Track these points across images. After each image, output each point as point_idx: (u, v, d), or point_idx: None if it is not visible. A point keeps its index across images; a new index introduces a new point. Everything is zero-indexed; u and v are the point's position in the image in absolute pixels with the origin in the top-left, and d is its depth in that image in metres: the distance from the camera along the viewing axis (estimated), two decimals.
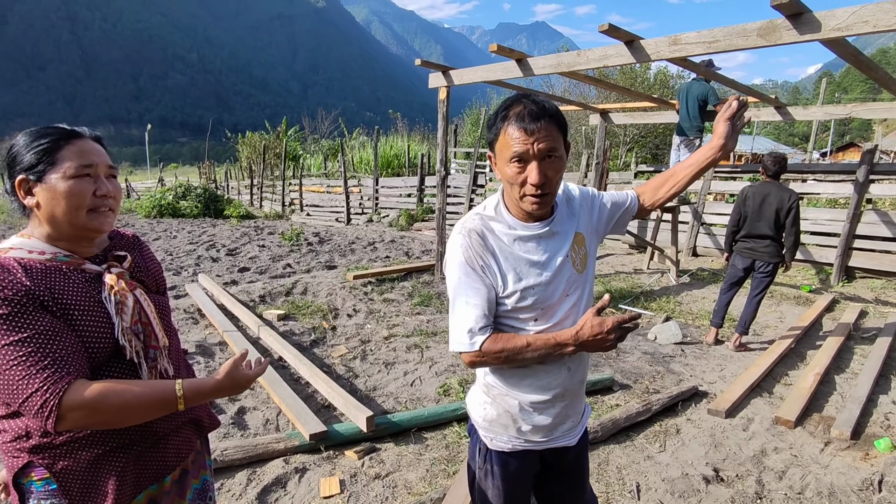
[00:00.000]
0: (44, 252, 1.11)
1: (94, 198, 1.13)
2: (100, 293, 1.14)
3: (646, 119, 9.01)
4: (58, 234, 1.14)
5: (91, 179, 1.14)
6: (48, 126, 1.16)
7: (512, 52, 5.25)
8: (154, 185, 26.90)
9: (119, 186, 1.22)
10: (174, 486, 1.27)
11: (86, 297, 1.11)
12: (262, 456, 2.69)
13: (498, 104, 5.89)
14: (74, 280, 1.12)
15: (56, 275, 1.10)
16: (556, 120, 1.22)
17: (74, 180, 1.11)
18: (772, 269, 4.35)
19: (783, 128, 47.82)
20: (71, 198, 1.10)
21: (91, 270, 1.16)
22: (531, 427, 1.38)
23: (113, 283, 1.16)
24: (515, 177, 1.23)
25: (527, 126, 1.19)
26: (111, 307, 1.13)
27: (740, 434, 3.10)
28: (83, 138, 1.16)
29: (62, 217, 1.11)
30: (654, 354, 4.31)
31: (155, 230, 11.97)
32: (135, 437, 1.15)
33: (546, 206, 1.27)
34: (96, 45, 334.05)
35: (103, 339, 1.11)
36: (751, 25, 3.75)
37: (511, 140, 1.21)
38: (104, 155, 1.19)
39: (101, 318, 1.12)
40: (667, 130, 17.35)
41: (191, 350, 4.02)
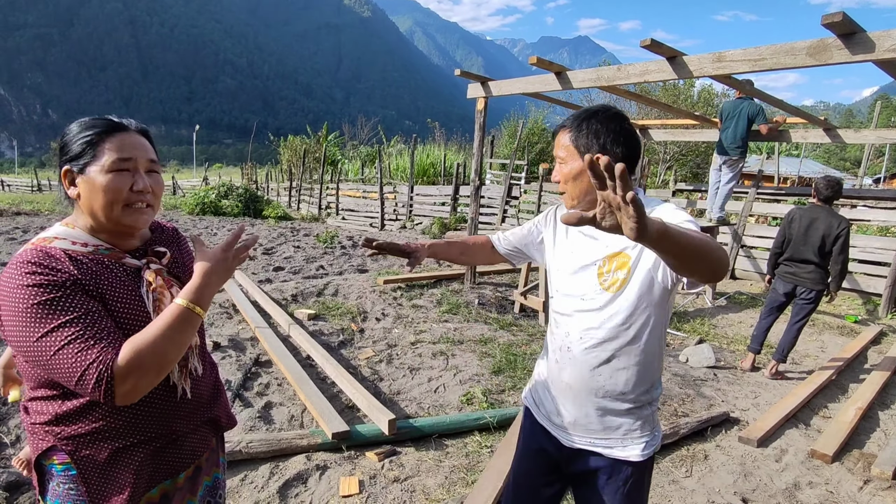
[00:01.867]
0: (86, 244, 1.13)
1: (130, 193, 1.12)
2: (139, 287, 1.16)
3: (687, 136, 8.84)
4: (98, 226, 1.15)
5: (129, 174, 1.13)
6: (97, 117, 1.16)
7: (551, 65, 5.25)
8: (199, 183, 27.91)
9: (161, 182, 1.20)
10: (187, 483, 1.28)
11: (127, 289, 1.13)
12: (285, 451, 2.74)
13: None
14: (116, 273, 1.13)
15: (99, 267, 1.11)
16: (572, 129, 1.34)
17: (112, 174, 1.11)
18: (815, 296, 4.18)
19: (834, 151, 45.98)
20: (107, 192, 1.10)
21: (131, 265, 1.17)
22: (535, 393, 1.55)
23: (152, 280, 1.17)
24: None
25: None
26: (149, 303, 1.14)
27: (772, 465, 2.98)
28: (127, 131, 1.16)
29: (99, 211, 1.12)
30: (684, 377, 4.20)
31: (197, 227, 12.38)
32: (154, 434, 1.16)
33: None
34: (153, 49, 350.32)
35: (140, 329, 1.11)
36: (800, 44, 3.65)
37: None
38: (146, 149, 1.17)
39: (141, 311, 1.13)
40: (709, 149, 16.95)
41: (223, 343, 4.13)
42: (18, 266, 1.03)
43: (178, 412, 1.21)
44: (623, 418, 1.36)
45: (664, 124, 8.81)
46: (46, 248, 1.07)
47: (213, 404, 1.34)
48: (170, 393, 1.18)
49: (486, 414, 3.19)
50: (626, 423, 1.37)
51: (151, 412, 1.15)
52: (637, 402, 1.36)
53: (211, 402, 1.33)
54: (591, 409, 1.37)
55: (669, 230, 0.91)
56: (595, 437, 1.38)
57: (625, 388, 1.35)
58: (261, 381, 3.62)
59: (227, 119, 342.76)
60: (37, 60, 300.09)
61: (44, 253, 1.05)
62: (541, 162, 16.15)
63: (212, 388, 1.34)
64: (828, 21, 3.25)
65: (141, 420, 1.14)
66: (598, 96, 19.09)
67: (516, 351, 4.44)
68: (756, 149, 22.41)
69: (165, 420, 1.18)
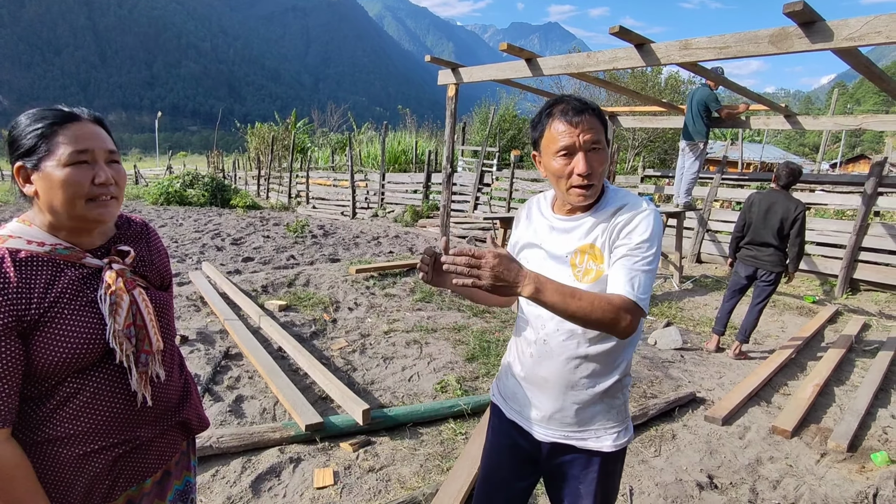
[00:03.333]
0: (43, 243, 1.06)
1: (92, 186, 1.06)
2: (94, 291, 1.09)
3: (654, 123, 8.98)
4: (58, 223, 1.08)
5: (89, 166, 1.06)
6: (46, 108, 1.09)
7: (522, 52, 5.24)
8: (163, 172, 27.08)
9: (122, 172, 1.14)
10: (154, 487, 1.24)
11: (79, 295, 1.07)
12: (257, 444, 2.71)
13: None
14: (70, 276, 1.07)
15: (51, 270, 1.05)
16: (598, 114, 1.30)
17: (71, 168, 1.04)
18: (774, 277, 4.33)
19: (794, 137, 47.49)
20: (67, 187, 1.04)
21: (91, 265, 1.11)
22: (506, 389, 1.52)
23: (111, 282, 1.10)
24: (562, 169, 1.29)
25: (571, 119, 1.26)
26: (105, 308, 1.08)
27: (736, 442, 3.09)
28: (80, 121, 1.09)
29: (60, 207, 1.05)
30: (653, 359, 4.30)
31: (161, 217, 12.03)
32: (117, 440, 1.12)
33: (591, 197, 1.31)
34: (111, 32, 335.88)
35: (92, 340, 1.06)
36: (762, 32, 3.73)
37: (557, 134, 1.28)
38: (104, 139, 1.11)
39: (93, 318, 1.07)
40: (676, 135, 17.29)
41: (192, 337, 4.04)
42: None
43: (141, 418, 1.16)
44: (597, 410, 1.38)
45: (633, 111, 8.93)
46: None
47: (181, 407, 1.29)
48: (130, 399, 1.13)
49: (461, 401, 3.22)
50: (599, 415, 1.38)
51: (112, 418, 1.11)
52: (610, 392, 1.38)
53: (179, 405, 1.28)
54: (568, 403, 1.37)
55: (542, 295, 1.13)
56: (570, 430, 1.39)
57: (599, 379, 1.36)
58: (231, 375, 3.55)
59: (192, 105, 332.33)
60: None
61: None
62: (512, 148, 16.18)
63: (180, 390, 1.30)
64: (789, 10, 3.33)
65: (101, 426, 1.09)
66: (569, 83, 19.21)
67: (489, 338, 4.47)
68: (721, 135, 22.98)
69: (128, 426, 1.14)
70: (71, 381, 1.06)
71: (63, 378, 1.05)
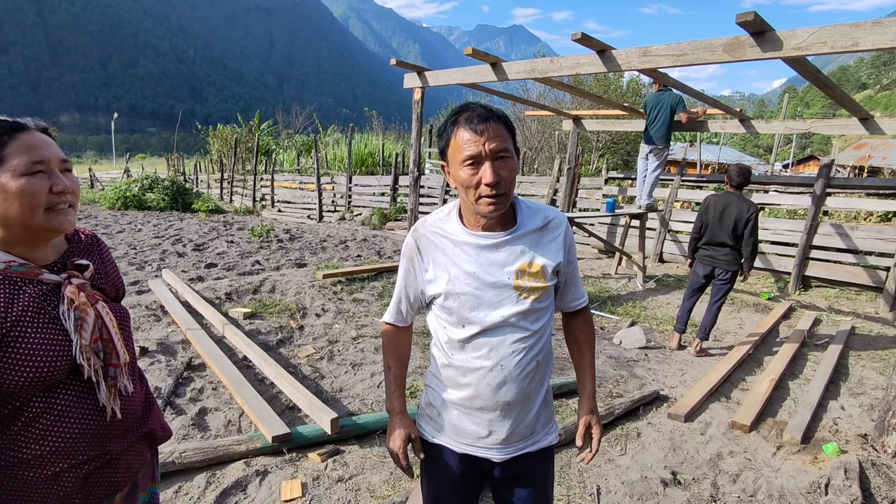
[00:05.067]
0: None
1: (50, 195, 1.04)
2: (56, 307, 1.07)
3: (617, 126, 9.19)
4: (11, 238, 1.05)
5: (45, 175, 1.05)
6: None
7: (487, 56, 5.28)
8: (120, 175, 26.14)
9: (76, 180, 1.13)
10: (123, 502, 1.23)
11: (39, 312, 1.04)
12: (222, 458, 2.64)
13: None
14: (28, 294, 1.04)
15: (8, 288, 1.02)
16: (504, 121, 1.26)
17: (26, 178, 1.02)
18: (730, 276, 4.49)
19: (749, 139, 49.37)
20: (24, 197, 1.01)
21: (49, 281, 1.08)
22: (449, 426, 1.41)
23: (73, 297, 1.08)
24: (469, 179, 1.23)
25: (476, 127, 1.22)
26: (69, 324, 1.06)
27: (698, 438, 3.19)
28: (29, 131, 1.07)
29: (16, 219, 1.02)
30: (618, 358, 4.40)
31: (119, 223, 11.61)
32: (87, 456, 1.09)
33: (501, 206, 1.25)
34: (63, 29, 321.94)
35: (58, 358, 1.03)
36: (717, 41, 3.87)
37: (462, 143, 1.23)
38: (55, 148, 1.09)
39: (57, 335, 1.04)
40: (638, 138, 17.71)
41: (152, 348, 3.91)
42: None
43: (110, 432, 1.14)
44: (542, 409, 1.42)
45: (596, 115, 9.11)
46: None
47: (146, 418, 1.28)
48: (99, 414, 1.11)
49: None
50: (544, 414, 1.44)
51: (82, 435, 1.08)
52: (547, 389, 1.45)
53: (144, 416, 1.27)
54: (527, 416, 1.38)
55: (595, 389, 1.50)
56: (526, 440, 1.41)
57: (543, 382, 1.42)
58: (194, 387, 3.46)
59: (150, 106, 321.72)
60: None
61: None
62: None
63: (143, 401, 1.28)
64: (742, 20, 3.46)
65: (70, 444, 1.06)
66: (534, 87, 19.46)
67: None
68: (680, 137, 23.66)
69: (98, 441, 1.11)
70: (37, 400, 1.03)
71: (29, 398, 1.02)
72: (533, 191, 10.38)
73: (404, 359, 1.55)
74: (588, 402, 1.48)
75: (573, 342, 1.55)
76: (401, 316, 1.50)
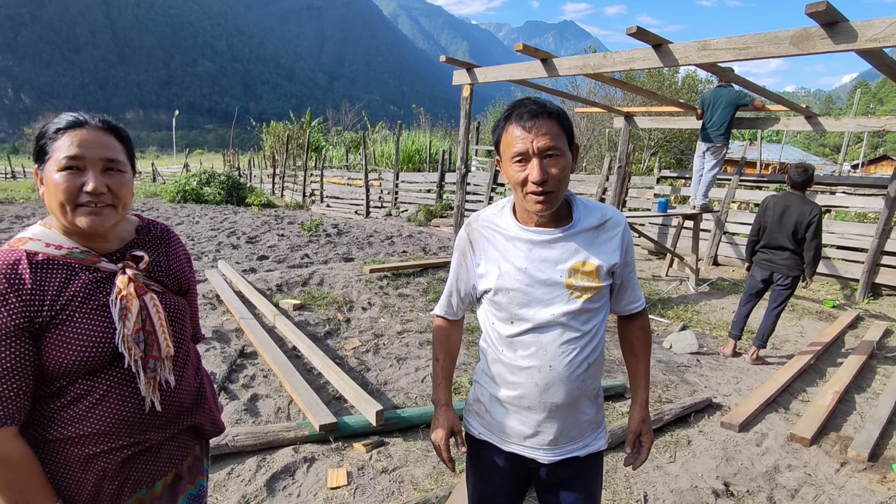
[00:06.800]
0: (60, 247, 1.07)
1: (81, 193, 1.05)
2: (107, 295, 1.10)
3: (671, 123, 8.88)
4: (68, 227, 1.09)
5: (80, 172, 1.05)
6: (65, 114, 1.10)
7: (537, 52, 5.21)
8: (179, 170, 27.41)
9: (124, 181, 1.11)
10: (165, 492, 1.23)
11: (91, 298, 1.08)
12: (272, 443, 2.73)
13: None
14: (83, 280, 1.08)
15: (65, 273, 1.06)
16: (558, 118, 1.22)
17: (62, 173, 1.04)
18: (791, 282, 4.26)
19: (814, 137, 46.69)
20: (57, 192, 1.04)
21: (106, 269, 1.11)
22: (496, 423, 1.40)
23: (122, 287, 1.10)
24: (518, 176, 1.23)
25: (525, 123, 1.20)
26: (115, 312, 1.08)
27: (753, 449, 3.05)
28: (85, 127, 1.07)
29: (56, 211, 1.06)
30: (668, 363, 4.26)
31: (178, 215, 12.18)
32: (126, 442, 1.12)
33: (550, 205, 1.24)
34: (129, 30, 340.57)
35: (101, 344, 1.07)
36: (783, 33, 3.67)
37: (512, 139, 1.22)
38: (103, 146, 1.08)
39: (102, 322, 1.08)
40: (692, 135, 17.08)
41: (208, 335, 4.09)
42: None
43: (151, 422, 1.16)
44: (593, 414, 1.39)
45: (649, 111, 8.84)
46: (11, 260, 1.02)
47: (194, 411, 1.28)
48: (139, 403, 1.13)
49: None
50: (595, 417, 1.40)
51: (121, 421, 1.11)
52: (598, 393, 1.41)
53: (192, 408, 1.27)
54: (576, 419, 1.35)
55: (648, 397, 1.48)
56: (574, 443, 1.38)
57: (595, 385, 1.38)
58: (246, 373, 3.59)
59: (208, 104, 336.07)
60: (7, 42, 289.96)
61: (5, 268, 1.01)
62: None
63: (194, 394, 1.29)
64: (812, 10, 3.27)
65: (109, 428, 1.09)
66: (584, 83, 19.08)
67: None
68: (739, 135, 22.65)
69: (137, 429, 1.14)
70: (81, 382, 1.07)
71: (73, 379, 1.06)
72: (581, 189, 10.19)
73: (453, 352, 1.55)
74: (640, 410, 1.45)
75: (628, 348, 1.50)
76: (451, 309, 1.52)
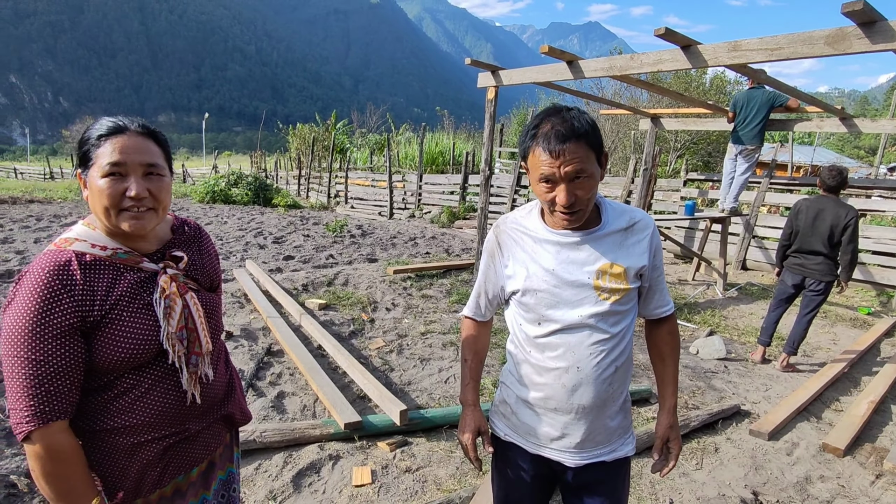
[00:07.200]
0: (105, 247, 1.12)
1: (124, 198, 1.09)
2: (151, 294, 1.15)
3: (699, 125, 8.72)
4: (112, 229, 1.14)
5: (122, 178, 1.10)
6: (107, 119, 1.14)
7: (563, 54, 5.18)
8: (209, 171, 28.01)
9: (164, 185, 1.16)
10: (200, 478, 1.29)
11: (137, 298, 1.13)
12: (298, 440, 2.78)
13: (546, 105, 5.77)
14: (129, 280, 1.13)
15: (112, 273, 1.11)
16: (587, 138, 1.20)
17: (105, 179, 1.09)
18: (823, 287, 4.15)
19: (848, 139, 45.24)
20: (101, 198, 1.09)
21: (148, 269, 1.17)
22: (522, 425, 1.41)
23: (165, 287, 1.16)
24: (545, 196, 1.25)
25: (553, 148, 1.18)
26: (159, 311, 1.14)
27: (783, 458, 2.98)
28: (125, 133, 1.11)
29: (100, 215, 1.11)
30: (694, 369, 4.19)
31: (207, 215, 12.46)
32: (168, 432, 1.19)
33: (577, 221, 1.27)
34: (163, 36, 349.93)
35: (147, 341, 1.12)
36: (818, 33, 3.58)
37: (539, 162, 1.22)
38: (143, 151, 1.12)
39: (148, 320, 1.13)
40: (720, 137, 16.73)
41: (236, 333, 4.18)
42: (34, 278, 1.04)
43: (190, 412, 1.23)
44: (620, 419, 1.39)
45: (676, 113, 8.70)
46: (63, 260, 1.07)
47: (226, 402, 1.35)
48: (180, 396, 1.20)
49: None
50: (622, 423, 1.40)
51: (164, 412, 1.17)
52: (626, 397, 1.40)
53: (225, 399, 1.34)
54: (602, 422, 1.35)
55: (676, 403, 1.45)
56: (602, 447, 1.38)
57: (622, 389, 1.37)
58: (273, 371, 3.66)
59: (237, 107, 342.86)
60: (47, 48, 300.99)
61: (59, 269, 1.05)
62: None
63: (226, 385, 1.36)
64: (848, 10, 3.18)
65: (153, 418, 1.16)
66: (608, 84, 18.87)
67: None
68: (769, 137, 22.09)
69: (178, 420, 1.20)
70: (128, 376, 1.13)
71: (121, 374, 1.12)
72: (606, 192, 10.08)
73: (481, 353, 1.57)
74: (668, 417, 1.43)
75: (656, 353, 1.49)
76: (479, 310, 1.53)
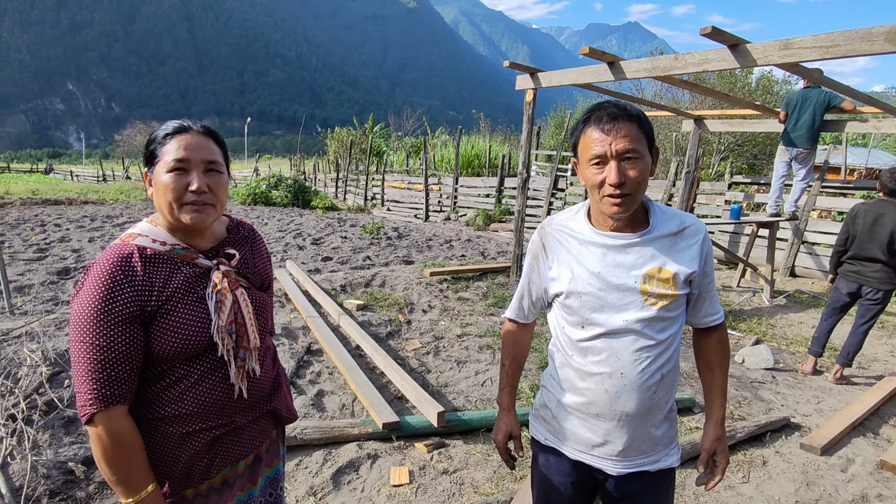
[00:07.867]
0: (165, 243, 1.18)
1: (187, 192, 1.15)
2: (204, 288, 1.21)
3: (746, 127, 8.44)
4: (173, 224, 1.20)
5: (186, 173, 1.16)
6: (170, 121, 1.22)
7: (604, 55, 5.11)
8: (250, 174, 28.82)
9: (220, 182, 1.21)
10: (247, 471, 1.33)
11: (191, 291, 1.19)
12: (337, 438, 2.83)
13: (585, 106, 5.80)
14: (185, 274, 1.19)
15: (169, 267, 1.17)
16: (638, 121, 1.22)
17: (170, 174, 1.15)
18: (882, 296, 3.94)
19: None
20: (166, 191, 1.15)
21: (203, 265, 1.23)
22: (562, 430, 1.39)
23: (217, 282, 1.21)
24: (595, 178, 1.23)
25: (604, 126, 1.20)
26: (211, 305, 1.19)
27: (837, 475, 2.84)
28: (188, 132, 1.19)
29: (164, 209, 1.17)
30: (740, 378, 4.05)
31: (249, 217, 12.82)
32: (216, 423, 1.23)
33: (626, 208, 1.23)
34: (208, 43, 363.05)
35: (199, 333, 1.17)
36: (877, 29, 3.42)
37: (590, 141, 1.23)
38: (204, 149, 1.19)
39: (200, 313, 1.19)
40: (767, 140, 16.13)
41: (277, 332, 4.28)
42: (99, 270, 1.11)
43: (237, 406, 1.27)
44: (665, 429, 1.35)
45: (722, 115, 8.44)
46: (125, 253, 1.14)
47: (272, 398, 1.38)
48: (228, 389, 1.24)
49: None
50: (667, 433, 1.36)
51: (212, 404, 1.22)
52: (671, 407, 1.36)
53: (271, 395, 1.38)
54: (647, 431, 1.32)
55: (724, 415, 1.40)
56: (645, 457, 1.34)
57: (668, 397, 1.34)
58: (313, 370, 3.73)
59: (277, 111, 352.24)
60: (102, 56, 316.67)
61: (122, 261, 1.12)
62: None
63: (272, 381, 1.40)
64: None
65: (202, 409, 1.21)
66: (649, 86, 18.48)
67: None
68: (821, 139, 21.16)
69: (225, 412, 1.25)
70: (180, 367, 1.18)
71: (173, 364, 1.18)
72: (646, 194, 9.85)
73: (520, 358, 1.56)
74: (715, 429, 1.39)
75: (704, 362, 1.45)
76: (522, 313, 1.52)
